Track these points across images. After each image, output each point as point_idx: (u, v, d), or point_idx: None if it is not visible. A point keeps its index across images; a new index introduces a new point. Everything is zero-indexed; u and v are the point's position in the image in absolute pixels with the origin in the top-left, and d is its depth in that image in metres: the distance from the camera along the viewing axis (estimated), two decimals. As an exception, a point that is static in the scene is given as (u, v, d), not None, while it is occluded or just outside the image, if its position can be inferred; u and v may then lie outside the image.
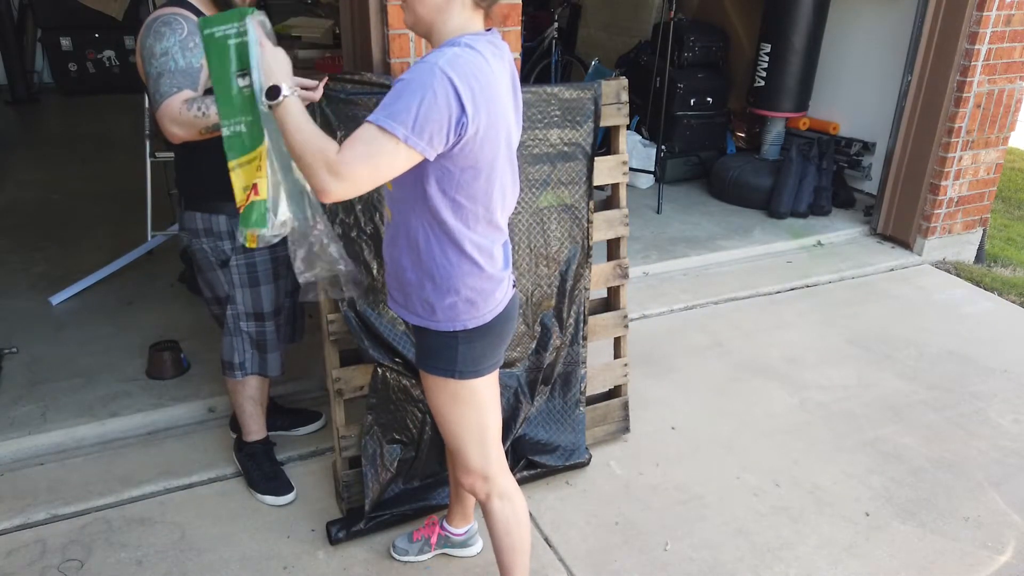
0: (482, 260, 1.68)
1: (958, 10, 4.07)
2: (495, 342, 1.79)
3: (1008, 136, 4.47)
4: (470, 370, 1.76)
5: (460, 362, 1.75)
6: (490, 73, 1.54)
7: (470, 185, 1.60)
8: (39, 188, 5.17)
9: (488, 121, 1.54)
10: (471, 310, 1.71)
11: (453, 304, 1.69)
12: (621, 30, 6.39)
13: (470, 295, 1.69)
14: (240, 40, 1.64)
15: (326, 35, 4.49)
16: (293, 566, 2.27)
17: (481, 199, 1.63)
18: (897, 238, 4.61)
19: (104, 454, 2.71)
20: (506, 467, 1.92)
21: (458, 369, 1.75)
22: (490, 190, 1.64)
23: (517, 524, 1.91)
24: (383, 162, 1.48)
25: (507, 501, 1.90)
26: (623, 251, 2.70)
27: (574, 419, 2.64)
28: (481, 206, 1.64)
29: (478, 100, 1.50)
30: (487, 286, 1.71)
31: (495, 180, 1.64)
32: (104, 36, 7.58)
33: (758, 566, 2.33)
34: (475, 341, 1.74)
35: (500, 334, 1.80)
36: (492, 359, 1.81)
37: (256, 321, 2.42)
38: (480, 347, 1.76)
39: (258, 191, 1.74)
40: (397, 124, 1.45)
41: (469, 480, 1.90)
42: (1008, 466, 2.80)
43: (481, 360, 1.77)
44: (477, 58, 1.53)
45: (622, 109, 2.57)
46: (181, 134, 2.05)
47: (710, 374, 3.31)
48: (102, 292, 3.75)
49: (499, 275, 1.74)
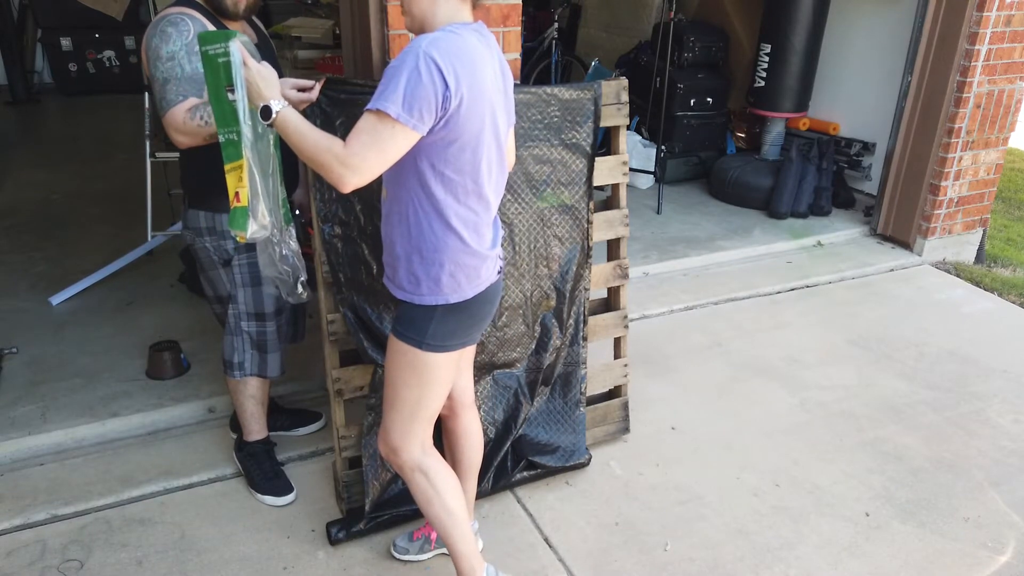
0: (467, 234, 1.77)
1: (958, 10, 4.07)
2: (469, 322, 1.87)
3: (1008, 136, 4.47)
4: (437, 344, 1.84)
5: (430, 335, 1.83)
6: (472, 51, 1.65)
7: (457, 158, 1.70)
8: (39, 188, 5.17)
9: (471, 96, 1.64)
10: (453, 285, 1.79)
11: (437, 277, 1.78)
12: (621, 30, 6.39)
13: (453, 269, 1.78)
14: (226, 60, 1.75)
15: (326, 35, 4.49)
16: (293, 566, 2.27)
17: (469, 172, 1.73)
18: (897, 238, 4.61)
19: (104, 454, 2.71)
20: (429, 443, 1.99)
21: (426, 341, 1.84)
22: (477, 163, 1.73)
23: (434, 495, 1.97)
24: (387, 145, 1.61)
25: (422, 475, 1.97)
26: (623, 251, 2.70)
27: (574, 420, 2.64)
28: (469, 179, 1.74)
29: (460, 75, 1.61)
30: (471, 261, 1.80)
31: (481, 154, 1.73)
32: (104, 36, 7.59)
33: (758, 566, 2.33)
34: (451, 316, 1.83)
35: (476, 315, 1.88)
36: (463, 338, 1.88)
37: (257, 321, 2.42)
38: (454, 323, 1.84)
39: (239, 199, 1.89)
40: (389, 105, 1.58)
41: (383, 448, 2.01)
42: (1008, 466, 2.80)
43: (451, 336, 1.85)
44: (458, 39, 1.64)
45: (622, 109, 2.57)
46: (186, 141, 2.06)
47: (710, 374, 3.31)
48: (102, 292, 3.75)
49: (484, 252, 1.82)
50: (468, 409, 2.18)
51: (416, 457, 1.97)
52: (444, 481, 1.98)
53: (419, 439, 1.97)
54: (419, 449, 1.97)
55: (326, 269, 2.25)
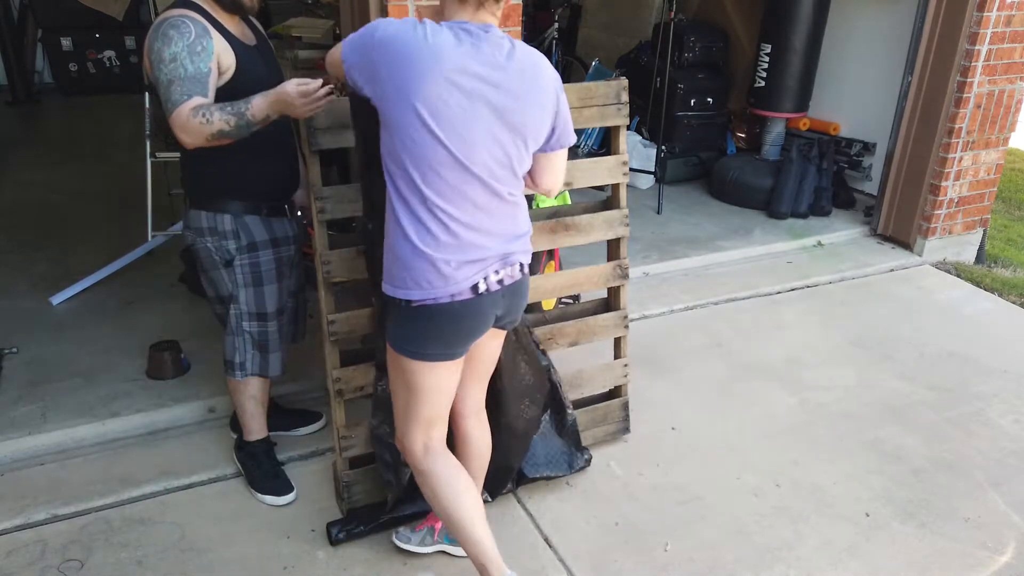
0: (412, 232, 1.75)
1: (958, 10, 4.07)
2: (430, 334, 1.82)
3: (1008, 137, 4.47)
4: (402, 347, 1.85)
5: (392, 334, 1.85)
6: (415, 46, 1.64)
7: (390, 145, 1.72)
8: (39, 188, 5.17)
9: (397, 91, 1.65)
10: (405, 282, 1.78)
11: (390, 267, 1.80)
12: (621, 30, 6.39)
13: (401, 266, 1.77)
14: None
15: (326, 35, 4.49)
16: (293, 566, 2.27)
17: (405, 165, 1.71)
18: (897, 239, 4.61)
19: (104, 454, 2.71)
20: (435, 444, 1.99)
21: (391, 340, 1.86)
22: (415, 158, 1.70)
23: (432, 497, 2.01)
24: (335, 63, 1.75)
25: (420, 476, 2.01)
26: (623, 251, 2.70)
27: (566, 427, 2.62)
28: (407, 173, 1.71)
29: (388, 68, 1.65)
30: (417, 264, 1.76)
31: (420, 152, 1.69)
32: (104, 36, 7.58)
33: (758, 566, 2.33)
34: (408, 320, 1.82)
35: (438, 328, 1.82)
36: (428, 349, 1.85)
37: (259, 321, 2.42)
38: (413, 329, 1.83)
39: None
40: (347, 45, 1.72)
41: (396, 437, 2.05)
42: (1008, 466, 2.80)
43: (413, 343, 1.84)
44: (410, 33, 1.65)
45: (622, 109, 2.57)
46: (190, 141, 2.07)
47: (710, 374, 3.31)
48: (102, 292, 3.75)
49: (434, 257, 1.75)
50: (468, 419, 2.15)
51: (418, 457, 1.98)
52: (444, 486, 1.98)
53: (419, 440, 1.97)
54: (421, 449, 1.97)
55: (326, 269, 2.25)
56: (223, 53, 2.13)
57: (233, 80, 2.16)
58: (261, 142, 2.19)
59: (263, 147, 2.25)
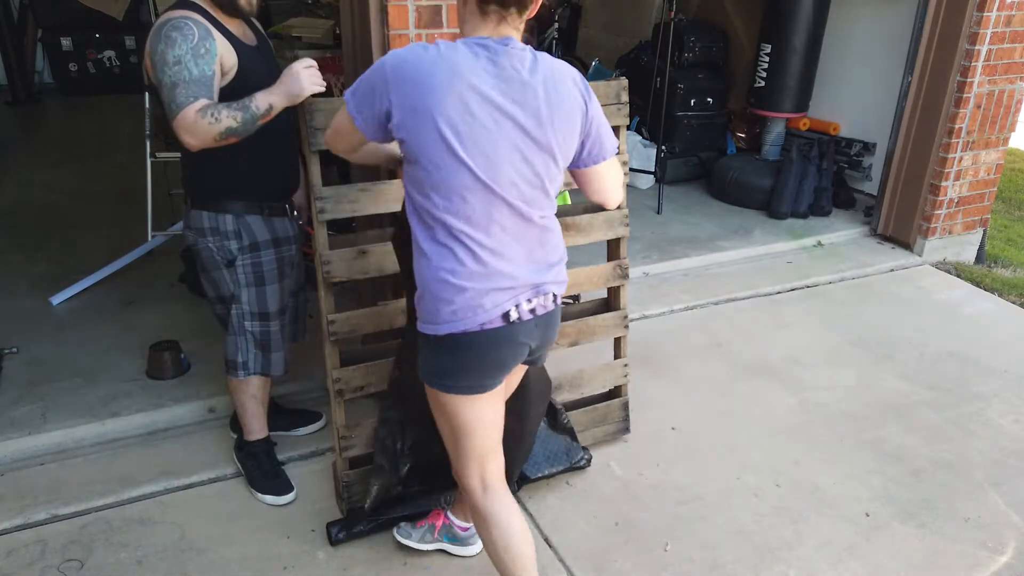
0: (437, 260, 1.68)
1: (958, 10, 4.07)
2: (462, 365, 1.74)
3: (1008, 137, 4.47)
4: (435, 381, 1.79)
5: (424, 369, 1.80)
6: (430, 63, 1.59)
7: (414, 175, 1.67)
8: (39, 188, 5.17)
9: (416, 114, 1.59)
10: (433, 314, 1.71)
11: (420, 298, 1.74)
12: (621, 30, 6.39)
13: (429, 297, 1.71)
14: None
15: (326, 35, 4.49)
16: (293, 566, 2.27)
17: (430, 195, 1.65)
18: (897, 239, 4.61)
19: (104, 454, 2.71)
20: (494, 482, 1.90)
21: (424, 375, 1.80)
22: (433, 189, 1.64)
23: (486, 543, 1.91)
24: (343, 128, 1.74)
25: (477, 516, 1.91)
26: (623, 251, 2.70)
27: (559, 422, 2.62)
28: (429, 200, 1.66)
29: (404, 92, 1.59)
30: (444, 294, 1.68)
31: (439, 180, 1.63)
32: (104, 36, 7.59)
33: (758, 566, 2.33)
34: (439, 353, 1.75)
35: (469, 359, 1.73)
36: (461, 382, 1.75)
37: (261, 321, 2.43)
38: (445, 361, 1.75)
39: None
40: (349, 96, 1.69)
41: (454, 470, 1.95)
42: (1008, 466, 2.80)
43: (446, 376, 1.76)
44: (422, 52, 1.60)
45: (622, 109, 2.57)
46: (195, 143, 2.06)
47: (710, 374, 3.31)
48: (102, 292, 3.75)
49: (462, 285, 1.67)
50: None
51: (477, 495, 1.90)
52: (497, 535, 1.89)
53: (475, 474, 1.89)
54: (479, 485, 1.89)
55: (326, 269, 2.25)
56: (225, 54, 2.13)
57: (235, 81, 2.16)
58: (262, 142, 2.20)
59: (264, 147, 2.25)
